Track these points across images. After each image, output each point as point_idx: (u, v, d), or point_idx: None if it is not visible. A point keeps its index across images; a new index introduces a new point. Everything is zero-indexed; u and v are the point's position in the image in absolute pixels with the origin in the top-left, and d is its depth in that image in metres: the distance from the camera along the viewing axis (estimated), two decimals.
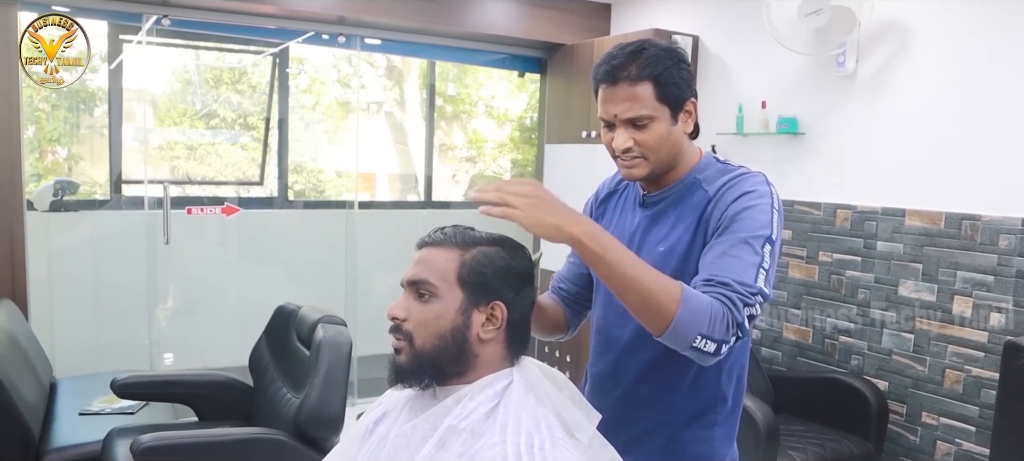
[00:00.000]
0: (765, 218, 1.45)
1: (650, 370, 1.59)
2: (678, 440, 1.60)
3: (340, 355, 2.69)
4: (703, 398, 1.59)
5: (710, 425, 1.60)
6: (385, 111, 6.79)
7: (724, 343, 1.35)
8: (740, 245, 1.41)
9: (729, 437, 1.64)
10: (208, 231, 4.61)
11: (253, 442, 2.53)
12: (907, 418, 3.47)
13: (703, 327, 1.32)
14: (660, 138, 1.51)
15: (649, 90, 1.48)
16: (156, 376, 3.44)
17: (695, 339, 1.33)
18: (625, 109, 1.50)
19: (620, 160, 1.55)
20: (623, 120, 1.51)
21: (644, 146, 1.51)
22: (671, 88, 1.49)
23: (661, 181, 1.60)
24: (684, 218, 1.55)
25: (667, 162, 1.56)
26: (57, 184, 4.25)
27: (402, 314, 1.35)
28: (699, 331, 1.32)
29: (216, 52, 5.40)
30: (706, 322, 1.32)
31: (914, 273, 3.44)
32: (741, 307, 1.36)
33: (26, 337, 3.37)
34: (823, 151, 3.78)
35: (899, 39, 3.46)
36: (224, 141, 5.68)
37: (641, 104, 1.49)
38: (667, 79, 1.49)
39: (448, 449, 1.29)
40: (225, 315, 4.60)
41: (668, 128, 1.52)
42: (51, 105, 5.03)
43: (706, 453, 1.60)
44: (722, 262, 1.40)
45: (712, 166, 1.58)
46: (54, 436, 2.99)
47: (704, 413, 1.60)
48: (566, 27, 4.78)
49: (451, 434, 1.30)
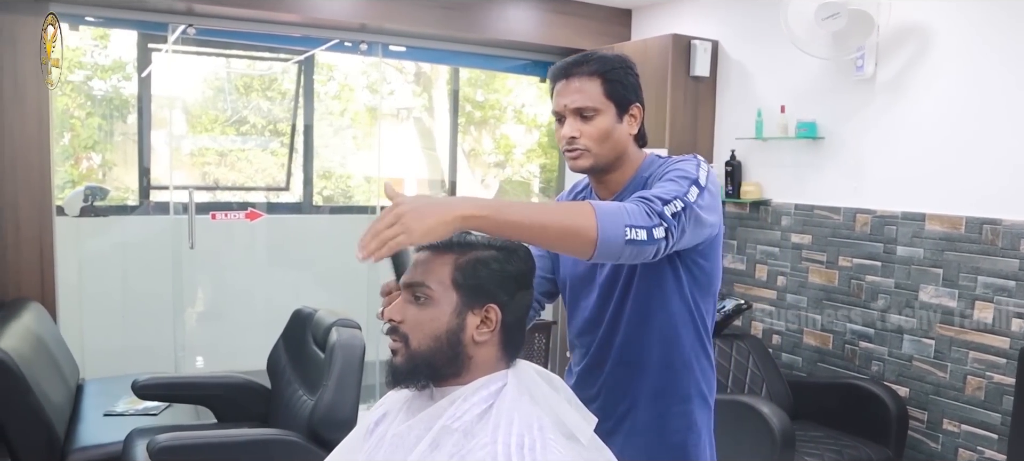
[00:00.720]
0: (690, 167, 1.57)
1: (622, 351, 1.71)
2: (654, 415, 1.71)
3: (353, 357, 2.73)
4: (674, 374, 1.71)
5: (684, 399, 1.71)
6: (413, 117, 6.85)
7: (653, 229, 1.42)
8: (664, 181, 1.54)
9: (705, 409, 1.75)
10: (233, 236, 4.69)
11: (267, 443, 2.58)
12: (928, 425, 3.43)
13: (625, 220, 1.40)
14: (603, 132, 1.64)
15: (597, 86, 1.63)
16: (175, 378, 3.51)
17: (624, 233, 1.39)
18: (573, 100, 1.63)
19: (566, 153, 1.67)
20: (571, 110, 1.64)
21: (589, 137, 1.63)
22: (617, 87, 1.64)
23: (611, 186, 1.71)
24: None
25: (610, 157, 1.66)
26: (87, 190, 4.35)
27: (398, 316, 1.38)
28: (624, 223, 1.39)
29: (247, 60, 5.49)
30: (625, 216, 1.40)
31: (934, 278, 3.40)
32: (658, 203, 1.45)
33: (54, 339, 3.46)
34: (842, 155, 3.75)
35: (918, 42, 3.43)
36: (253, 147, 5.77)
37: (588, 96, 1.63)
38: (614, 78, 1.64)
39: (441, 449, 1.31)
40: (250, 319, 4.67)
41: (612, 124, 1.65)
42: (86, 113, 5.15)
43: (684, 426, 1.72)
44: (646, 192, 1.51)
45: (655, 162, 1.70)
46: (79, 436, 3.06)
47: (675, 388, 1.71)
48: (587, 33, 4.79)
49: (444, 434, 1.32)
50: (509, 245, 1.42)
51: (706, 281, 1.69)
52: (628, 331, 1.68)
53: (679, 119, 4.28)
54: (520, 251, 1.43)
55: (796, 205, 3.97)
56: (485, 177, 7.07)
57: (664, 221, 1.43)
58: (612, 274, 1.69)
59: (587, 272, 1.75)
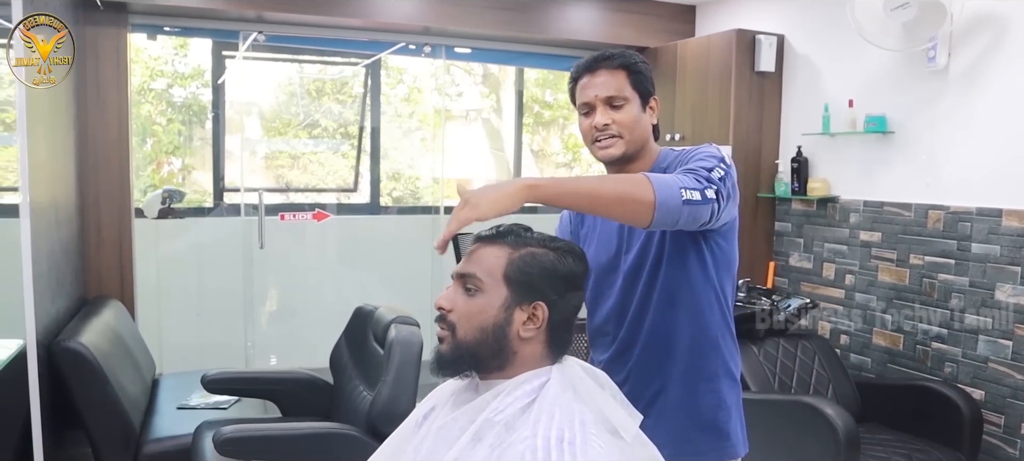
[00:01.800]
0: (713, 150, 1.65)
1: (650, 338, 1.75)
2: (686, 394, 1.75)
3: (411, 353, 2.77)
4: (701, 355, 1.75)
5: (712, 377, 1.75)
6: (482, 118, 6.90)
7: (705, 190, 1.51)
8: (693, 162, 1.61)
9: (733, 386, 1.79)
10: (302, 237, 4.81)
11: (327, 436, 2.64)
12: (1005, 430, 3.30)
13: (679, 183, 1.48)
14: (633, 119, 1.71)
15: (624, 77, 1.71)
16: (242, 373, 3.62)
17: (680, 194, 1.47)
18: (604, 90, 1.70)
19: (597, 143, 1.72)
20: (602, 99, 1.70)
21: (621, 125, 1.70)
22: (641, 78, 1.72)
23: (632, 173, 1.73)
24: None
25: (637, 145, 1.72)
26: (165, 193, 4.51)
27: (448, 305, 1.41)
28: (680, 186, 1.48)
29: (318, 65, 5.62)
30: (678, 181, 1.49)
31: (1012, 276, 3.26)
32: (703, 172, 1.55)
33: (132, 336, 3.61)
34: (914, 150, 3.63)
35: (994, 31, 3.30)
36: (325, 150, 5.89)
37: (617, 86, 1.70)
38: (637, 70, 1.73)
39: (483, 442, 1.33)
40: (318, 317, 4.78)
41: (639, 113, 1.72)
42: (167, 119, 5.35)
43: (715, 403, 1.76)
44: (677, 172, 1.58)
45: (671, 154, 1.76)
46: (153, 427, 3.19)
47: (704, 367, 1.75)
48: (650, 30, 4.76)
49: (486, 427, 1.34)
50: (564, 246, 1.43)
51: (727, 262, 1.75)
52: (656, 315, 1.73)
53: (744, 116, 4.21)
54: (574, 252, 1.44)
55: (865, 202, 3.86)
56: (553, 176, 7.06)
57: (713, 184, 1.52)
58: (637, 261, 1.74)
59: (611, 262, 1.80)
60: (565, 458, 1.26)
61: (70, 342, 2.92)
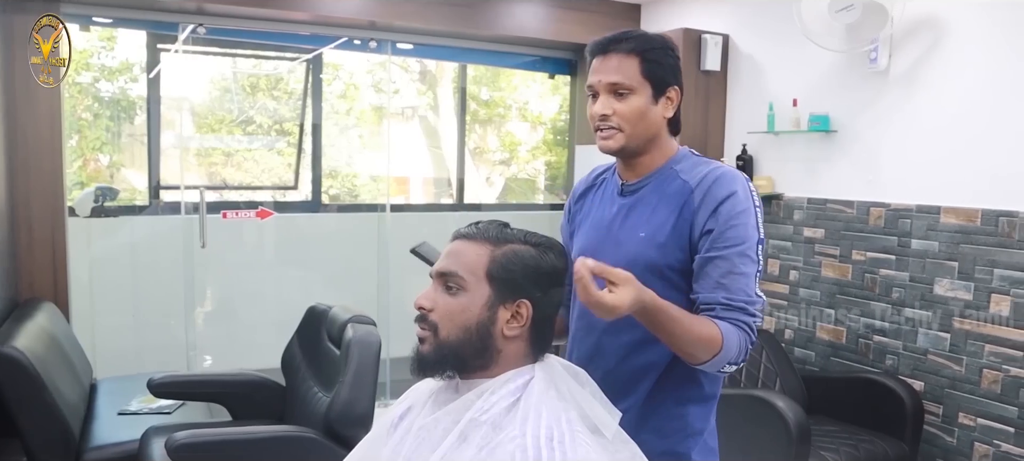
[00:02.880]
0: (754, 221, 1.55)
1: (630, 353, 1.64)
2: (656, 417, 1.65)
3: (369, 354, 2.72)
4: (679, 378, 1.64)
5: (683, 402, 1.65)
6: (419, 115, 6.85)
7: (741, 363, 1.53)
8: (743, 259, 1.52)
9: (705, 417, 1.69)
10: (243, 235, 4.69)
11: (285, 440, 2.57)
12: (943, 419, 3.42)
13: (732, 357, 1.49)
14: (637, 112, 1.59)
15: (635, 64, 1.58)
16: (191, 376, 3.51)
17: (724, 367, 1.50)
18: (608, 76, 1.59)
19: (598, 131, 1.63)
20: (605, 86, 1.60)
21: (621, 116, 1.59)
22: (655, 67, 1.59)
23: (639, 169, 1.67)
24: (663, 205, 1.61)
25: (642, 138, 1.62)
26: (98, 190, 4.34)
27: (429, 304, 1.37)
28: (728, 361, 1.49)
29: (253, 59, 5.49)
30: (735, 353, 1.49)
31: (950, 271, 3.38)
32: (753, 328, 1.53)
33: (67, 339, 3.46)
34: (856, 149, 3.73)
35: (933, 34, 3.41)
36: (260, 147, 5.77)
37: (624, 74, 1.58)
38: (653, 57, 1.59)
39: (469, 442, 1.30)
40: (261, 317, 4.67)
41: (647, 105, 1.60)
42: (94, 114, 5.15)
43: (683, 429, 1.66)
44: (730, 281, 1.52)
45: (688, 158, 1.66)
46: (94, 435, 3.06)
47: (679, 391, 1.65)
48: (596, 28, 4.74)
49: (472, 427, 1.31)
50: (545, 241, 1.42)
51: None
52: (639, 329, 1.55)
53: (690, 114, 4.27)
54: (555, 248, 1.43)
55: (809, 199, 3.95)
56: (490, 175, 7.07)
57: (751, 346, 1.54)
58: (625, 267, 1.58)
59: (600, 248, 1.67)
60: (556, 457, 1.25)
61: (3, 347, 2.77)
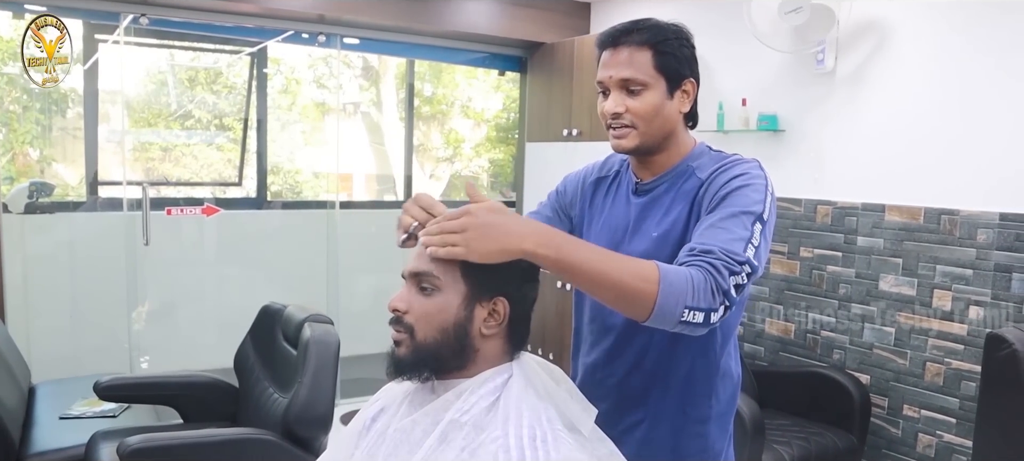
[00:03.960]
0: (757, 196, 1.42)
1: (643, 359, 1.56)
2: (670, 434, 1.58)
3: (328, 354, 2.67)
4: (695, 393, 1.56)
5: (702, 420, 1.57)
6: (362, 112, 6.78)
7: (712, 311, 1.28)
8: (729, 218, 1.38)
9: (723, 433, 1.61)
10: (187, 233, 4.56)
11: (242, 442, 2.51)
12: (889, 411, 3.51)
13: (687, 299, 1.26)
14: (652, 108, 1.50)
15: (647, 57, 1.49)
16: (140, 378, 3.39)
17: (682, 313, 1.26)
18: (620, 71, 1.49)
19: (611, 130, 1.54)
20: (617, 82, 1.50)
21: (635, 114, 1.50)
22: (670, 59, 1.49)
23: (654, 167, 1.58)
24: (677, 204, 1.53)
25: (657, 136, 1.53)
26: (32, 186, 4.18)
27: (404, 306, 1.33)
28: (684, 304, 1.26)
29: (191, 52, 5.35)
30: (689, 293, 1.26)
31: (894, 267, 3.48)
32: (726, 274, 1.30)
33: (3, 341, 3.31)
34: (803, 148, 3.81)
35: (878, 36, 3.50)
36: (200, 142, 5.63)
37: (636, 68, 1.48)
38: (667, 49, 1.49)
39: (450, 443, 1.28)
40: (206, 317, 4.55)
41: (661, 100, 1.51)
42: (22, 106, 4.95)
43: (701, 448, 1.58)
44: (709, 233, 1.37)
45: (706, 154, 1.57)
46: (35, 441, 2.94)
47: (696, 408, 1.57)
48: (546, 26, 4.79)
49: (453, 428, 1.29)
50: None
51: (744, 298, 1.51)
52: (657, 336, 1.49)
53: None
54: None
55: None
56: (434, 171, 7.04)
57: (726, 299, 1.29)
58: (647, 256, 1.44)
59: (615, 249, 1.54)
60: (539, 456, 1.23)
61: None
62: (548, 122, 4.79)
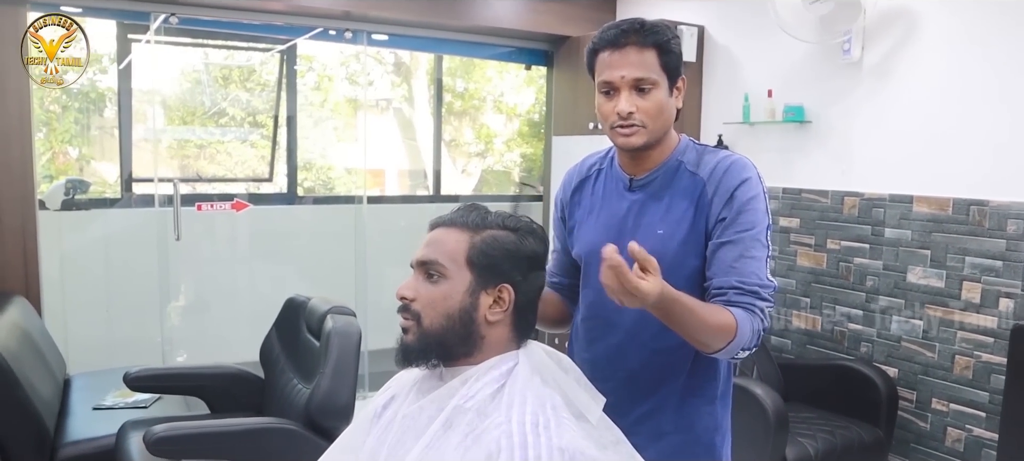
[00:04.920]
0: (763, 206, 1.55)
1: (654, 355, 1.62)
2: (683, 416, 1.64)
3: (350, 344, 2.70)
4: (702, 376, 1.64)
5: (711, 400, 1.66)
6: (394, 108, 6.83)
7: (753, 348, 1.50)
8: (755, 244, 1.51)
9: (726, 409, 1.70)
10: (219, 228, 4.65)
11: (265, 432, 2.55)
12: (917, 405, 3.47)
13: (745, 343, 1.47)
14: (659, 106, 1.54)
15: (654, 57, 1.53)
16: (168, 369, 3.45)
17: (738, 354, 1.48)
18: (632, 71, 1.52)
19: (619, 129, 1.56)
20: (629, 82, 1.53)
21: (645, 113, 1.54)
22: (671, 57, 1.55)
23: (647, 163, 1.63)
24: (677, 202, 1.59)
25: (660, 133, 1.58)
26: (68, 183, 4.28)
27: (411, 294, 1.37)
28: (742, 347, 1.47)
29: (225, 50, 5.43)
30: (748, 338, 1.47)
31: (922, 259, 3.43)
32: (766, 312, 1.51)
33: (40, 334, 3.40)
34: (830, 139, 3.77)
35: (905, 25, 3.45)
36: (234, 139, 5.72)
37: (646, 68, 1.52)
38: (668, 48, 1.54)
39: (454, 429, 1.30)
40: (237, 310, 4.63)
41: (665, 98, 1.55)
42: (62, 106, 5.08)
43: (712, 426, 1.66)
44: (743, 265, 1.51)
45: (691, 149, 1.63)
46: (69, 430, 3.01)
47: (704, 389, 1.65)
48: (571, 19, 4.79)
49: (457, 414, 1.31)
50: (524, 225, 1.42)
51: None
52: (664, 331, 1.50)
53: None
54: (535, 231, 1.43)
55: (784, 189, 3.99)
56: (466, 166, 7.07)
57: (764, 332, 1.51)
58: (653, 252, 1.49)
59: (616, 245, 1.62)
60: (541, 442, 1.25)
61: None
62: (574, 115, 4.79)
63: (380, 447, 1.42)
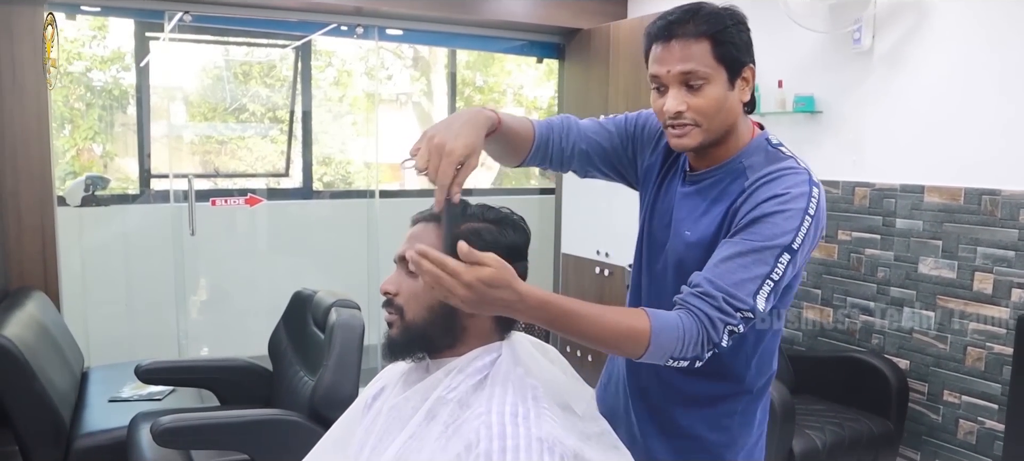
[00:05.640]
0: (791, 225, 1.33)
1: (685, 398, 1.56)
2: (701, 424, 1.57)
3: (353, 337, 2.74)
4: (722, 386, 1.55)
5: (730, 414, 1.56)
6: (413, 102, 6.86)
7: (697, 359, 1.33)
8: (751, 254, 1.33)
9: (744, 428, 1.58)
10: (234, 223, 4.71)
11: (268, 423, 2.59)
12: (928, 397, 3.43)
13: (674, 351, 1.30)
14: (715, 103, 1.39)
15: (706, 48, 1.37)
16: (178, 362, 3.52)
17: (667, 361, 1.32)
18: (678, 66, 1.37)
19: (670, 129, 1.43)
20: (676, 77, 1.38)
21: (698, 111, 1.39)
22: (729, 48, 1.38)
23: (709, 159, 1.48)
24: (717, 205, 1.45)
25: (720, 131, 1.42)
26: (88, 180, 4.36)
27: (393, 288, 1.39)
28: (670, 355, 1.30)
29: (244, 47, 5.50)
30: (677, 347, 1.29)
31: (934, 250, 3.39)
32: (719, 327, 1.30)
33: (58, 328, 3.48)
34: (840, 129, 3.74)
35: (916, 13, 3.41)
36: (253, 134, 5.78)
37: (696, 61, 1.37)
38: (725, 38, 1.38)
39: (436, 420, 1.32)
40: (252, 304, 4.69)
41: (724, 93, 1.39)
42: (86, 104, 5.16)
43: (726, 442, 1.57)
44: (726, 268, 1.33)
45: (760, 152, 1.46)
46: (84, 422, 3.08)
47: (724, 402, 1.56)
48: (583, 12, 4.78)
49: (440, 405, 1.33)
50: (503, 217, 1.43)
51: (791, 286, 1.47)
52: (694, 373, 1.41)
53: None
54: (514, 222, 1.44)
55: None
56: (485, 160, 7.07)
57: (716, 349, 1.32)
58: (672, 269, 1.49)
59: (658, 236, 1.56)
60: (520, 432, 1.25)
61: None
62: (586, 108, 4.78)
63: (368, 437, 1.44)
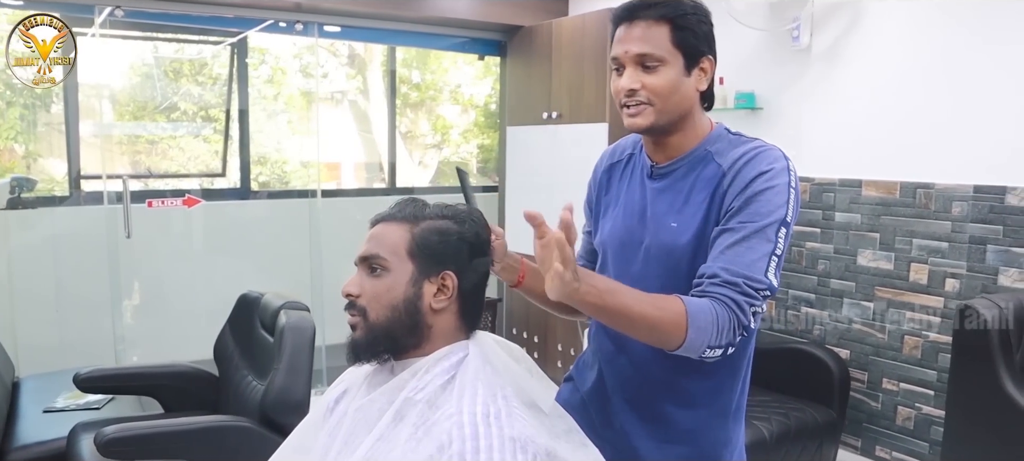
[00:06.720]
0: (781, 199, 1.40)
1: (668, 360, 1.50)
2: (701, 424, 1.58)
3: (303, 340, 2.69)
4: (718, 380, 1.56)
5: (723, 413, 1.59)
6: (349, 100, 6.77)
7: (730, 346, 1.36)
8: (754, 235, 1.38)
9: (738, 425, 1.64)
10: (171, 224, 4.57)
11: (219, 430, 2.52)
12: (868, 385, 3.54)
13: (711, 339, 1.33)
14: (669, 84, 1.44)
15: (665, 32, 1.44)
16: (119, 369, 3.38)
17: (704, 352, 1.34)
18: (635, 46, 1.44)
19: (625, 108, 1.48)
20: (633, 58, 1.45)
21: (651, 90, 1.44)
22: (688, 35, 1.44)
23: (669, 150, 1.53)
24: (697, 193, 1.48)
25: (673, 115, 1.47)
26: (13, 181, 4.18)
27: (355, 290, 1.38)
28: (707, 344, 1.33)
29: (175, 44, 5.34)
30: (714, 334, 1.33)
31: (872, 242, 3.49)
32: (747, 309, 1.36)
33: None
34: (781, 125, 3.82)
35: (852, 11, 3.51)
36: (185, 134, 5.63)
37: (653, 44, 1.43)
38: (685, 24, 1.44)
39: (405, 421, 1.30)
40: (191, 308, 4.56)
41: (679, 77, 1.45)
42: (6, 102, 4.95)
43: (722, 439, 1.59)
44: (735, 253, 1.38)
45: (723, 138, 1.52)
46: (18, 434, 2.95)
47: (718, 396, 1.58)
48: (524, 9, 4.78)
49: (408, 406, 1.31)
50: (463, 213, 1.42)
51: None
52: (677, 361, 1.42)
53: None
54: (475, 218, 1.43)
55: None
56: (423, 158, 7.04)
57: (746, 332, 1.37)
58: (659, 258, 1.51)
59: (630, 236, 1.58)
60: (492, 432, 1.25)
61: None
62: (528, 106, 4.79)
63: (332, 442, 1.42)
